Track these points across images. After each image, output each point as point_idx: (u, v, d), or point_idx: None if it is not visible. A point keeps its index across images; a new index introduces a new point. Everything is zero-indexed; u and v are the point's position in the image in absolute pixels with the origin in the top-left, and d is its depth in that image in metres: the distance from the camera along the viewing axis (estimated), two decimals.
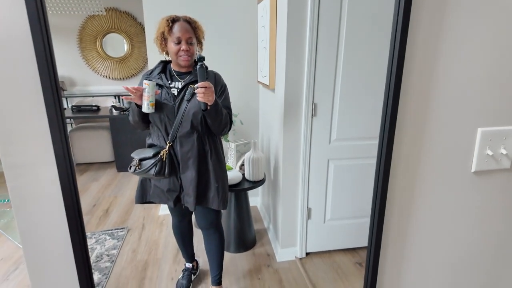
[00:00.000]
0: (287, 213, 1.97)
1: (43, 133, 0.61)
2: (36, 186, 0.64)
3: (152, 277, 1.88)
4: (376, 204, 0.83)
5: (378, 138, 0.81)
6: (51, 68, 0.55)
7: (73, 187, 0.61)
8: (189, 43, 1.35)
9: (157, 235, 2.29)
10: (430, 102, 0.79)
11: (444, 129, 0.81)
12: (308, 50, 1.68)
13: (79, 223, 0.65)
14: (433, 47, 0.75)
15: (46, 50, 0.53)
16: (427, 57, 0.76)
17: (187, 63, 1.37)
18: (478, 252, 0.95)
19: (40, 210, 0.66)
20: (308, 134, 1.82)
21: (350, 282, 1.84)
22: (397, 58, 0.72)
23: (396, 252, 0.91)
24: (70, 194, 0.61)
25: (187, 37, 1.34)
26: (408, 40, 0.72)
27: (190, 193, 1.43)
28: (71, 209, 0.61)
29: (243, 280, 1.86)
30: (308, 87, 1.74)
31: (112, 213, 2.59)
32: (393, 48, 0.72)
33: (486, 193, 0.88)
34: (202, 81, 1.25)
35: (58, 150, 0.58)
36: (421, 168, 0.83)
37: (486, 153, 0.82)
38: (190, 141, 1.40)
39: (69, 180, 0.60)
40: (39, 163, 0.62)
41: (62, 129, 0.58)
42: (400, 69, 0.73)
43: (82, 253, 0.64)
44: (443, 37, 0.75)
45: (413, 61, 0.75)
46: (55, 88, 0.56)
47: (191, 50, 1.36)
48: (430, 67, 0.76)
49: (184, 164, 1.41)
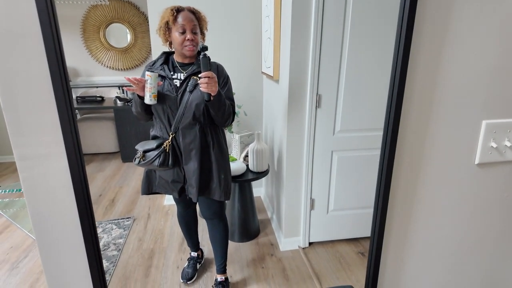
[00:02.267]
0: (291, 203, 1.99)
1: (53, 125, 0.63)
2: (48, 177, 0.66)
3: (158, 265, 1.92)
4: (380, 194, 0.84)
5: (383, 129, 0.81)
6: (61, 61, 0.56)
7: (83, 177, 0.62)
8: (194, 33, 1.35)
9: (162, 225, 2.33)
10: (435, 94, 0.79)
11: (448, 121, 0.82)
12: (313, 40, 1.67)
13: (89, 213, 0.67)
14: (439, 38, 0.75)
15: (56, 44, 0.54)
16: (432, 49, 0.76)
17: (192, 53, 1.37)
18: (480, 242, 0.97)
19: (51, 200, 0.68)
20: (312, 125, 1.82)
21: (352, 272, 1.86)
22: (402, 50, 0.72)
23: (399, 242, 0.92)
24: (80, 184, 0.62)
25: (192, 25, 1.34)
26: (414, 31, 0.72)
27: (193, 184, 1.45)
28: (82, 198, 0.63)
29: (247, 268, 1.89)
30: (312, 78, 1.73)
31: (118, 203, 2.62)
32: (399, 39, 0.72)
33: (489, 185, 0.89)
34: (206, 71, 1.25)
35: (68, 141, 0.60)
36: (424, 159, 0.84)
37: (490, 145, 0.83)
38: (192, 132, 1.41)
39: (79, 171, 0.62)
40: (50, 154, 0.64)
41: (72, 121, 0.59)
42: (405, 61, 0.73)
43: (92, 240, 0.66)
44: (449, 28, 0.75)
45: (419, 52, 0.75)
46: (64, 81, 0.57)
47: (196, 40, 1.36)
48: (435, 59, 0.76)
49: (187, 155, 1.43)
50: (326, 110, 1.80)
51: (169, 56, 1.46)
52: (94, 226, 0.68)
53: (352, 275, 1.84)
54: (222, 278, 1.71)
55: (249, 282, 1.79)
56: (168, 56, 1.46)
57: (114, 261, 1.94)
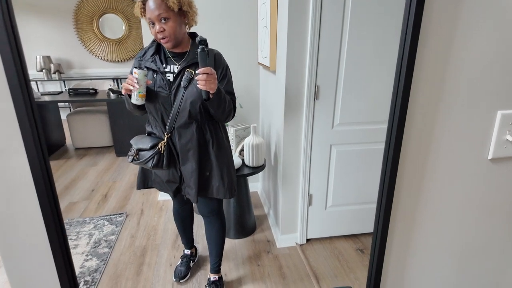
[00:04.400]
0: (288, 199, 1.92)
1: (8, 115, 0.54)
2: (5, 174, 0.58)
3: (151, 263, 1.85)
4: (383, 191, 0.77)
5: (388, 120, 0.73)
6: (14, 41, 0.48)
7: (47, 174, 0.54)
8: (163, 22, 1.17)
9: (156, 221, 2.27)
10: (445, 82, 0.71)
11: (459, 111, 0.74)
12: (311, 29, 1.58)
13: (56, 215, 0.59)
14: (451, 23, 0.67)
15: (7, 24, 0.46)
16: (443, 34, 0.67)
17: (171, 44, 1.21)
18: (488, 244, 0.90)
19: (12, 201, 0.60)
20: (310, 118, 1.74)
21: (351, 269, 1.81)
22: (411, 35, 0.64)
23: (402, 242, 0.86)
24: (43, 183, 0.54)
25: (156, 14, 1.15)
26: (423, 16, 0.64)
27: (191, 186, 1.36)
28: (45, 199, 0.55)
29: (242, 266, 1.83)
30: (310, 69, 1.65)
31: (111, 198, 2.56)
32: (406, 25, 0.64)
33: (502, 182, 0.81)
34: (204, 66, 1.12)
35: (26, 133, 0.52)
36: (432, 152, 0.76)
37: (506, 139, 0.75)
38: (189, 132, 1.30)
39: (42, 169, 0.54)
40: (6, 149, 0.56)
41: (31, 112, 0.51)
42: (414, 46, 0.65)
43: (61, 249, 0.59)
44: (462, 13, 0.66)
45: (428, 38, 0.67)
46: (19, 64, 0.49)
47: (169, 29, 1.17)
48: (446, 44, 0.68)
49: (184, 155, 1.33)
50: (325, 102, 1.72)
51: (161, 45, 1.31)
52: (63, 230, 0.60)
53: (350, 273, 1.78)
54: (216, 277, 1.64)
55: (245, 281, 1.73)
56: (160, 44, 1.31)
57: (105, 259, 1.87)
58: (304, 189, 1.89)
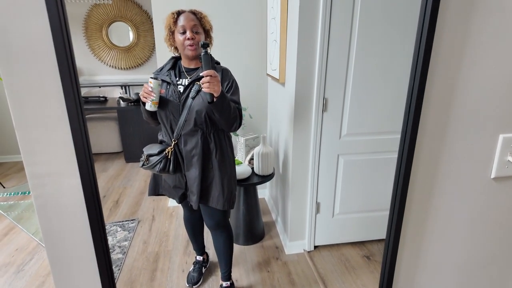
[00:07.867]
0: (296, 207, 1.98)
1: (65, 143, 0.61)
2: (60, 195, 0.65)
3: (164, 268, 1.92)
4: (395, 205, 0.83)
5: (399, 142, 0.80)
6: (74, 77, 0.55)
7: (96, 196, 0.61)
8: (195, 32, 1.33)
9: (167, 227, 2.33)
10: (452, 107, 0.77)
11: (465, 134, 0.80)
12: (320, 43, 1.65)
13: (102, 233, 0.66)
14: (459, 50, 0.73)
15: (69, 62, 0.53)
16: (451, 61, 0.74)
17: (195, 52, 1.34)
18: (493, 257, 0.96)
19: (64, 219, 0.67)
20: (319, 129, 1.81)
21: (358, 275, 1.86)
22: (421, 62, 0.70)
23: (412, 253, 0.91)
24: (93, 204, 0.61)
25: (191, 25, 1.32)
26: (434, 42, 0.70)
27: (194, 191, 1.44)
28: (95, 218, 0.62)
29: (252, 272, 1.89)
30: (319, 82, 1.71)
31: (122, 204, 2.62)
32: (418, 50, 0.70)
33: (504, 199, 0.88)
34: (207, 69, 1.17)
35: (81, 160, 0.59)
36: (440, 171, 0.83)
37: (507, 160, 0.81)
38: (194, 139, 1.39)
39: (92, 190, 0.61)
40: (62, 172, 0.63)
41: (85, 140, 0.58)
42: (424, 72, 0.71)
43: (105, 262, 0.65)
44: (467, 42, 0.73)
45: (437, 65, 0.73)
46: (77, 98, 0.56)
47: (197, 39, 1.33)
48: (454, 72, 0.75)
49: (189, 162, 1.42)
50: (333, 114, 1.79)
51: (177, 61, 1.46)
52: (107, 247, 0.67)
53: (357, 279, 1.83)
54: (227, 284, 1.71)
55: (255, 287, 1.78)
56: (177, 61, 1.46)
57: (120, 265, 1.94)
58: (312, 197, 1.95)
